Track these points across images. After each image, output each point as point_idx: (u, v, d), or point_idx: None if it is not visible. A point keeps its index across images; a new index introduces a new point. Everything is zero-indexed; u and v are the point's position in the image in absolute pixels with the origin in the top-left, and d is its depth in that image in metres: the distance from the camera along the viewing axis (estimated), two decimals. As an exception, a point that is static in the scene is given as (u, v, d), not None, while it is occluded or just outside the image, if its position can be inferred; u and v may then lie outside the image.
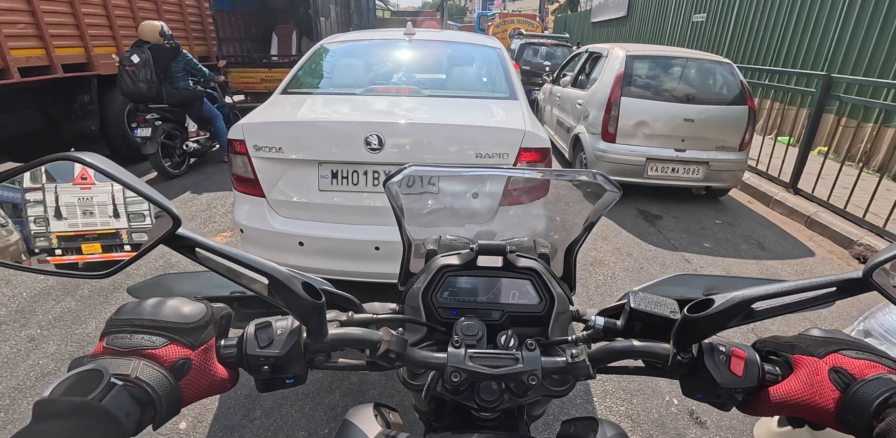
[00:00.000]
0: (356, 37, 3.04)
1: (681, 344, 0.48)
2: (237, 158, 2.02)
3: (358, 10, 10.33)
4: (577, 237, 0.67)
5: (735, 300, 0.45)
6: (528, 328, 0.60)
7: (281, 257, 2.01)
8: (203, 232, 3.32)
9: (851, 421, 0.41)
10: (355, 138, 1.87)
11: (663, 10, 11.59)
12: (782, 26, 7.03)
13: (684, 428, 1.75)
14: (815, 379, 0.44)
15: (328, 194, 1.96)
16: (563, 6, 25.96)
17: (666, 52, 4.37)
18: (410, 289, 0.62)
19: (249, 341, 0.49)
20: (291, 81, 2.52)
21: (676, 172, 4.01)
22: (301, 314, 0.48)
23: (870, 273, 0.41)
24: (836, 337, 0.47)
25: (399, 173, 0.62)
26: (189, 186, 4.41)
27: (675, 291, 0.63)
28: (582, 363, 0.49)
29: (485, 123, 2.04)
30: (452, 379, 0.49)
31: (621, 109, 3.98)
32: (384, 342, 0.49)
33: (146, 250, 0.46)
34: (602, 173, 0.63)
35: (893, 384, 0.40)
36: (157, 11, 6.16)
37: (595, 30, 17.30)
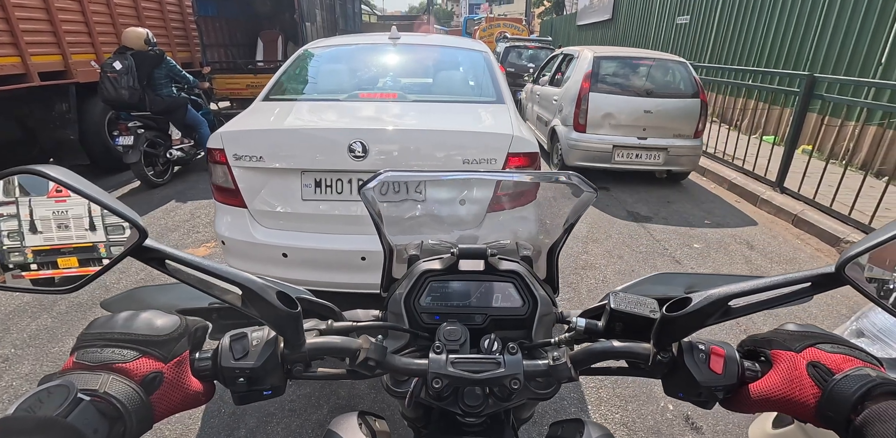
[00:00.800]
0: (340, 42, 3.00)
1: (661, 344, 0.48)
2: (217, 167, 1.96)
3: (343, 14, 10.30)
4: (557, 239, 0.68)
5: (712, 297, 0.45)
6: (512, 331, 0.60)
7: (264, 269, 1.95)
8: (186, 243, 3.25)
9: (830, 417, 0.41)
10: (338, 146, 1.82)
11: (648, 13, 11.73)
12: (764, 27, 7.14)
13: (680, 434, 1.73)
14: (794, 374, 0.44)
15: (312, 203, 1.91)
16: (549, 9, 26.19)
17: (628, 53, 5.01)
18: (393, 295, 0.61)
19: (224, 353, 0.48)
20: (273, 88, 2.47)
21: (640, 157, 4.60)
22: (277, 324, 0.47)
23: (842, 268, 0.41)
24: (812, 331, 0.48)
25: (374, 179, 0.62)
26: (172, 195, 4.32)
27: (657, 290, 0.63)
28: (563, 366, 0.49)
29: (472, 128, 2.01)
30: (434, 386, 0.48)
31: (590, 103, 4.57)
32: (363, 350, 0.49)
33: (111, 264, 0.45)
34: (578, 175, 0.64)
35: (870, 378, 0.41)
36: (138, 17, 6.07)
37: (581, 33, 17.46)
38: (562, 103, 4.96)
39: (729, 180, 4.85)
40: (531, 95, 6.50)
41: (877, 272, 0.44)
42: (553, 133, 5.11)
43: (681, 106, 4.57)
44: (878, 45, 5.11)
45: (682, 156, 4.59)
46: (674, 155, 4.55)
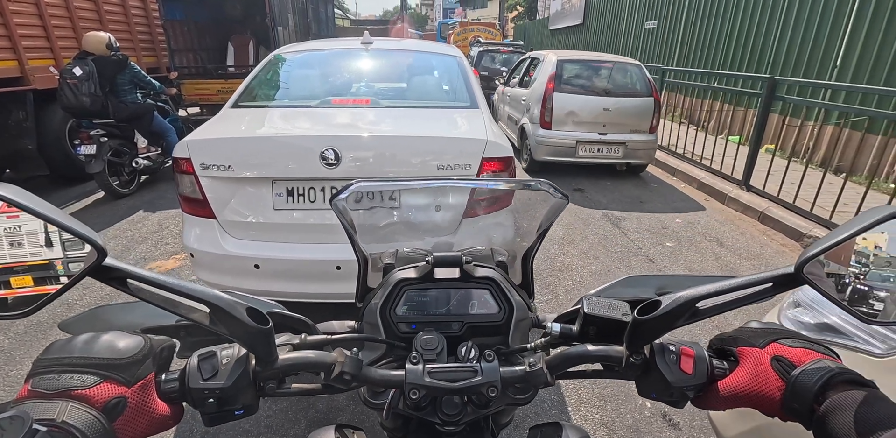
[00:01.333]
0: (311, 47, 2.96)
1: (633, 346, 0.49)
2: (183, 177, 1.90)
3: (316, 18, 10.19)
4: (531, 244, 0.68)
5: (680, 300, 0.46)
6: (489, 337, 0.60)
7: (236, 281, 1.90)
8: (154, 255, 3.13)
9: (795, 408, 0.43)
10: (310, 153, 1.79)
11: (617, 18, 12.03)
12: (728, 32, 7.41)
13: (658, 431, 1.76)
14: (760, 369, 0.45)
15: (284, 212, 1.87)
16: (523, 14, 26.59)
17: (589, 57, 5.56)
18: (368, 305, 0.61)
19: (192, 373, 0.46)
20: (242, 94, 2.41)
21: (601, 151, 5.05)
22: (247, 342, 0.46)
23: (800, 268, 0.42)
24: (773, 328, 0.50)
25: (345, 190, 0.62)
26: (140, 205, 4.17)
27: (629, 292, 0.64)
28: (539, 371, 0.50)
29: (445, 133, 2.00)
30: (412, 396, 0.48)
31: (554, 103, 4.99)
32: (338, 364, 0.48)
33: (67, 285, 0.43)
34: (549, 182, 0.65)
35: (829, 368, 0.42)
36: (101, 21, 5.86)
37: (553, 37, 17.77)
38: (529, 103, 5.36)
39: (698, 180, 5.00)
40: (502, 96, 6.87)
41: (833, 268, 0.45)
42: (522, 131, 5.51)
43: (636, 104, 5.05)
44: (834, 49, 5.37)
45: (639, 149, 5.07)
46: (632, 149, 5.02)
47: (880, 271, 0.45)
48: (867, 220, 0.42)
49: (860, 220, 0.42)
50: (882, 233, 0.45)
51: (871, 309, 0.45)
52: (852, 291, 0.46)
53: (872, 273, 0.45)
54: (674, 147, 5.99)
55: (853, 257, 0.45)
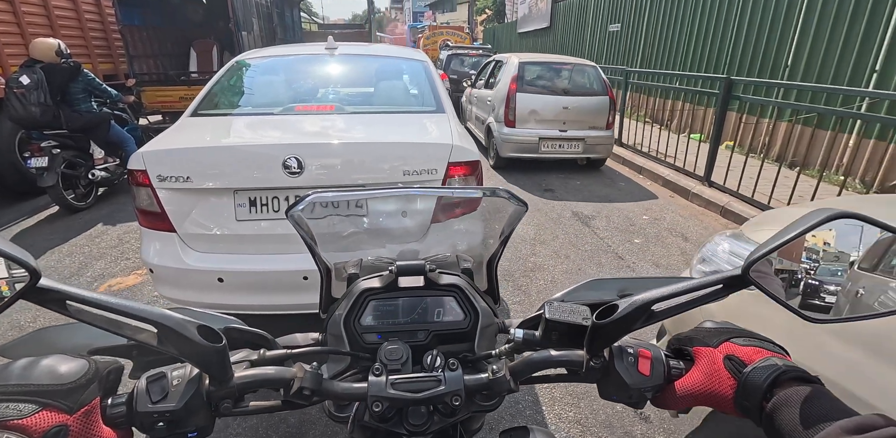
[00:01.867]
0: (274, 52, 2.91)
1: (593, 350, 0.50)
2: (140, 190, 1.83)
3: (282, 23, 10.02)
4: (494, 251, 0.69)
5: (636, 303, 0.47)
6: (455, 344, 0.60)
7: (199, 296, 1.84)
8: (114, 271, 2.99)
9: (746, 406, 0.44)
10: (272, 162, 1.75)
11: (582, 21, 12.31)
12: (687, 34, 7.68)
13: (630, 426, 1.79)
14: (713, 368, 0.46)
15: (247, 223, 1.82)
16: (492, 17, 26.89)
17: (549, 59, 5.90)
18: (332, 316, 0.60)
19: (140, 396, 0.44)
20: (202, 102, 2.34)
21: (562, 147, 5.40)
22: (199, 361, 0.44)
23: (747, 270, 0.44)
24: (727, 327, 0.51)
25: (301, 202, 0.61)
26: (98, 219, 3.98)
27: (591, 295, 0.65)
28: (502, 379, 0.50)
29: (411, 139, 2.00)
30: (374, 409, 0.48)
31: (517, 102, 5.28)
32: (297, 379, 0.47)
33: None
34: (508, 191, 0.66)
35: (777, 366, 0.44)
36: (52, 27, 5.60)
37: (522, 40, 18.03)
38: (495, 103, 5.67)
39: (663, 177, 5.16)
40: (470, 97, 7.20)
41: (785, 264, 0.47)
42: (489, 130, 5.82)
43: (593, 103, 5.40)
44: (785, 50, 5.64)
45: (597, 145, 5.43)
46: (591, 144, 5.39)
47: (829, 266, 0.47)
48: (810, 221, 0.43)
49: (804, 221, 0.44)
50: (830, 230, 0.46)
51: (823, 302, 0.47)
52: (804, 286, 0.47)
53: (822, 269, 0.47)
54: (640, 146, 6.16)
55: (804, 253, 0.47)
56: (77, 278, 2.91)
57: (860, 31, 4.63)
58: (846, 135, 4.74)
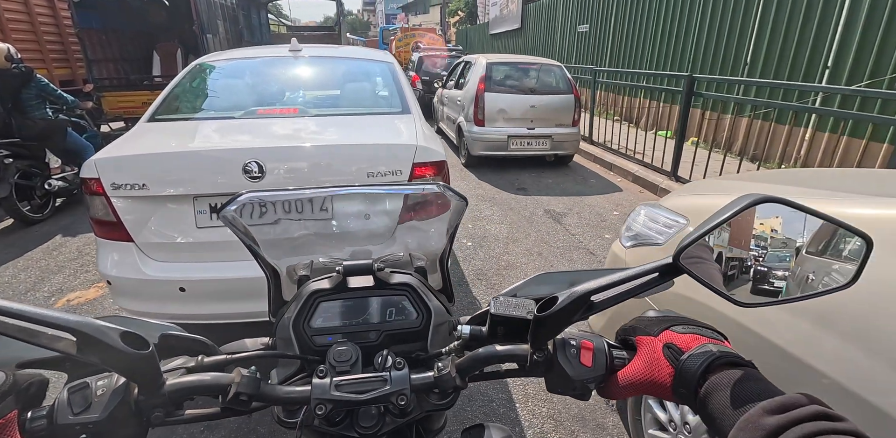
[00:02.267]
0: (236, 55, 2.84)
1: (536, 343, 0.50)
2: (94, 199, 1.76)
3: (248, 25, 9.82)
4: (444, 248, 0.68)
5: (575, 295, 0.47)
6: (408, 344, 0.60)
7: (160, 307, 1.78)
8: (73, 285, 2.86)
9: (683, 393, 0.44)
10: (232, 167, 1.71)
11: (552, 22, 12.49)
12: (652, 34, 7.89)
13: (602, 418, 1.81)
14: (653, 357, 0.47)
15: (208, 231, 1.77)
16: (464, 19, 27.02)
17: (515, 59, 6.04)
18: (281, 320, 0.59)
19: (61, 408, 0.43)
20: (160, 108, 2.27)
21: (530, 144, 5.56)
22: (124, 369, 0.43)
23: (677, 258, 0.44)
24: (668, 316, 0.52)
25: (233, 202, 0.61)
26: (56, 231, 3.80)
27: (541, 290, 0.64)
28: (447, 376, 0.50)
29: (374, 140, 1.98)
30: (318, 412, 0.46)
31: (486, 102, 5.44)
32: (234, 385, 0.46)
33: None
34: (447, 185, 0.66)
35: (711, 352, 0.44)
36: (2, 30, 5.36)
37: (494, 41, 18.18)
38: (464, 103, 5.81)
39: (633, 173, 5.28)
40: (441, 98, 7.32)
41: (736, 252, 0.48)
42: (459, 129, 5.96)
43: (559, 101, 5.58)
44: (744, 49, 5.85)
45: (564, 141, 5.63)
46: (558, 141, 5.57)
47: (777, 252, 0.48)
48: (734, 207, 0.44)
49: (728, 208, 0.44)
50: (776, 217, 0.48)
51: (772, 287, 0.48)
52: (754, 272, 0.48)
53: (770, 255, 0.48)
54: (609, 143, 6.28)
55: (752, 241, 0.48)
56: (33, 293, 2.78)
57: (813, 28, 4.85)
58: (802, 129, 4.94)
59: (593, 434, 1.73)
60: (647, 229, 1.55)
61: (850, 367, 0.91)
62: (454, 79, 6.75)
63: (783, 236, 0.49)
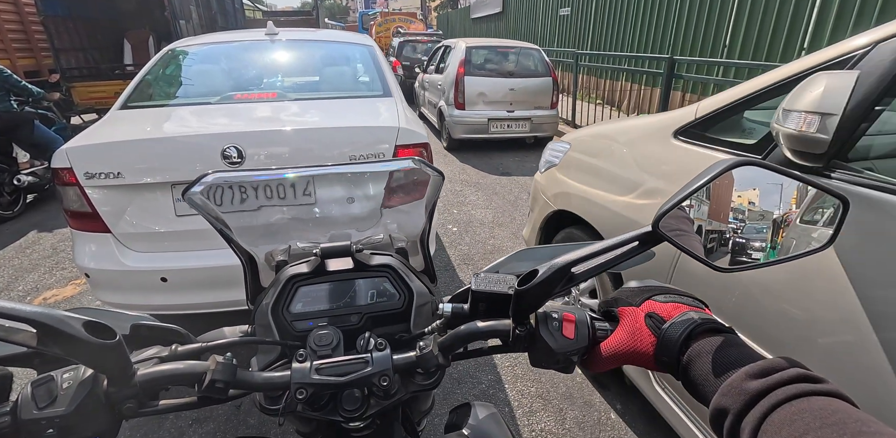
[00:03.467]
0: (210, 39, 2.74)
1: (518, 318, 0.49)
2: (67, 190, 1.70)
3: (222, 10, 9.49)
4: (423, 227, 0.68)
5: (555, 266, 0.46)
6: (391, 325, 0.59)
7: (142, 298, 1.74)
8: (49, 283, 2.78)
9: (665, 361, 0.45)
10: (211, 152, 1.67)
11: (534, 6, 12.36)
12: (633, 16, 7.87)
13: (590, 395, 1.85)
14: (636, 327, 0.47)
15: (188, 218, 1.73)
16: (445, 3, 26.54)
17: (494, 43, 6.09)
18: (259, 306, 0.58)
19: (24, 403, 0.41)
20: (132, 94, 2.19)
21: (510, 127, 5.67)
22: (90, 360, 0.41)
23: (656, 225, 0.45)
24: (649, 285, 0.52)
25: (198, 183, 0.59)
26: (28, 228, 3.67)
27: (522, 266, 0.64)
28: (429, 354, 0.49)
29: (355, 123, 1.94)
30: (298, 396, 0.46)
31: (465, 85, 5.50)
32: (209, 372, 0.45)
33: None
34: (421, 160, 0.64)
35: (692, 320, 0.44)
36: (-44, 19, 5.07)
37: (475, 26, 17.94)
38: (445, 87, 5.87)
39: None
40: (422, 83, 7.36)
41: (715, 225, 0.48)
42: (440, 113, 6.04)
43: (538, 84, 5.68)
44: (723, 31, 5.88)
45: (543, 124, 5.75)
46: (537, 123, 5.70)
47: (755, 224, 0.48)
48: (712, 172, 0.44)
49: (704, 174, 0.44)
50: (754, 189, 0.48)
51: (750, 259, 0.48)
52: (733, 244, 0.48)
53: (748, 227, 0.48)
54: (594, 128, 6.30)
55: (731, 213, 0.48)
56: (7, 292, 2.69)
57: (789, 10, 4.89)
58: (780, 109, 5.02)
59: (581, 411, 1.78)
60: (551, 157, 2.08)
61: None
62: (434, 63, 6.78)
63: (761, 208, 0.49)
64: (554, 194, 1.95)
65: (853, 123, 0.89)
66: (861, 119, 0.89)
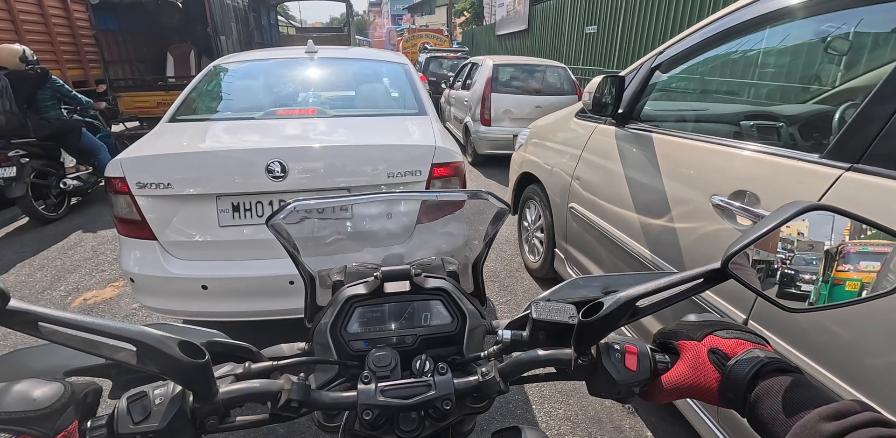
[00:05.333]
0: (253, 56, 2.87)
1: (580, 348, 0.50)
2: (118, 198, 1.78)
3: (258, 26, 9.90)
4: (479, 253, 0.70)
5: (621, 300, 0.47)
6: (444, 348, 0.60)
7: (183, 304, 1.80)
8: (89, 284, 2.90)
9: (730, 398, 0.45)
10: (255, 167, 1.73)
11: (560, 23, 12.49)
12: (660, 35, 7.88)
13: (619, 420, 1.81)
14: (698, 362, 0.47)
15: (230, 229, 1.79)
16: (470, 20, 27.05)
17: (521, 61, 6.26)
18: (318, 325, 0.60)
19: (121, 417, 0.43)
20: (180, 108, 2.30)
21: None
22: (181, 378, 0.43)
23: (726, 264, 0.45)
24: (710, 320, 0.52)
25: (282, 211, 0.62)
26: (71, 230, 3.84)
27: (576, 294, 0.65)
28: (492, 380, 0.50)
29: (394, 141, 1.99)
30: (365, 417, 0.47)
31: (492, 102, 5.65)
32: (284, 392, 0.47)
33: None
34: (490, 192, 0.66)
35: (759, 359, 0.45)
36: (17, 32, 5.44)
37: (500, 42, 18.19)
38: (471, 103, 6.02)
39: None
40: (448, 98, 7.61)
41: (762, 255, 0.48)
42: (466, 129, 6.25)
43: (563, 101, 5.63)
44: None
45: None
46: None
47: (804, 255, 0.48)
48: (784, 214, 0.44)
49: (778, 215, 0.45)
50: (803, 220, 0.48)
51: (799, 291, 0.48)
52: (781, 276, 0.48)
53: (797, 258, 0.48)
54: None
55: (779, 244, 0.48)
56: (49, 292, 2.81)
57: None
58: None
59: (610, 436, 1.74)
60: (521, 139, 3.02)
61: None
62: (461, 80, 6.93)
63: (810, 239, 0.49)
64: (520, 163, 2.92)
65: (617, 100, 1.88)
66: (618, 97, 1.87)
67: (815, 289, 0.48)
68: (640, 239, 1.65)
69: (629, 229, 1.72)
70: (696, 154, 1.46)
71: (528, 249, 2.98)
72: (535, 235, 2.81)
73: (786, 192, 1.14)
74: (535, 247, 2.83)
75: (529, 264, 2.96)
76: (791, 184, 1.13)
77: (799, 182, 1.11)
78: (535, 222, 2.83)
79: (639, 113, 1.84)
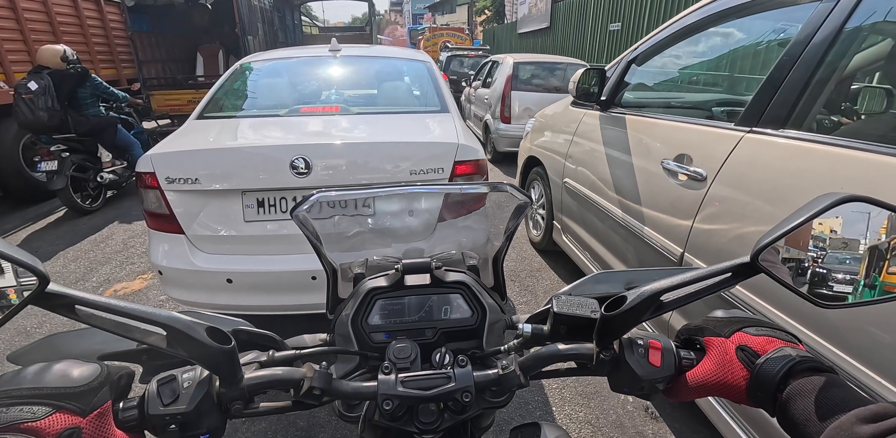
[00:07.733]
0: (278, 55, 2.92)
1: (603, 342, 0.50)
2: (148, 192, 1.84)
3: (283, 26, 10.08)
4: (500, 247, 0.69)
5: (645, 294, 0.46)
6: (463, 341, 0.60)
7: (208, 297, 1.84)
8: (119, 276, 3.00)
9: (759, 396, 0.43)
10: (280, 163, 1.76)
11: (583, 21, 12.31)
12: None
13: (642, 425, 1.77)
14: (725, 359, 0.46)
15: (255, 224, 1.83)
16: (491, 18, 26.90)
17: (541, 59, 6.24)
18: (339, 316, 0.60)
19: (151, 399, 0.45)
20: (207, 105, 2.36)
21: None
22: (208, 363, 0.45)
23: (756, 257, 0.44)
24: (738, 316, 0.51)
25: (305, 202, 0.62)
26: (103, 224, 3.98)
27: (598, 289, 0.65)
28: (512, 374, 0.50)
29: (417, 138, 2.00)
30: (385, 407, 0.47)
31: (512, 100, 5.65)
32: (307, 380, 0.48)
33: (6, 317, 0.40)
34: (512, 185, 0.65)
35: (791, 357, 0.43)
36: (54, 33, 5.65)
37: (522, 40, 18.04)
38: (491, 101, 6.02)
39: None
40: (469, 96, 7.65)
41: (793, 253, 0.46)
42: (486, 126, 6.26)
43: None
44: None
45: None
46: None
47: (837, 253, 0.46)
48: (817, 206, 0.42)
49: (810, 207, 0.43)
50: (836, 217, 0.46)
51: (830, 291, 0.46)
52: (812, 274, 0.46)
53: (829, 256, 0.46)
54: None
55: (811, 241, 0.46)
56: (83, 283, 2.92)
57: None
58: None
59: (631, 440, 1.70)
60: (528, 127, 3.43)
61: None
62: (481, 78, 6.93)
63: (843, 237, 0.46)
64: (527, 148, 3.28)
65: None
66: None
67: (854, 288, 0.46)
68: (615, 202, 2.00)
69: (606, 195, 2.09)
70: (654, 130, 1.83)
71: (532, 225, 3.43)
72: (538, 212, 3.22)
73: (709, 151, 1.44)
74: (538, 222, 3.28)
75: (532, 237, 3.41)
76: (714, 145, 1.43)
77: (718, 143, 1.41)
78: (537, 200, 3.19)
79: (619, 99, 2.23)
